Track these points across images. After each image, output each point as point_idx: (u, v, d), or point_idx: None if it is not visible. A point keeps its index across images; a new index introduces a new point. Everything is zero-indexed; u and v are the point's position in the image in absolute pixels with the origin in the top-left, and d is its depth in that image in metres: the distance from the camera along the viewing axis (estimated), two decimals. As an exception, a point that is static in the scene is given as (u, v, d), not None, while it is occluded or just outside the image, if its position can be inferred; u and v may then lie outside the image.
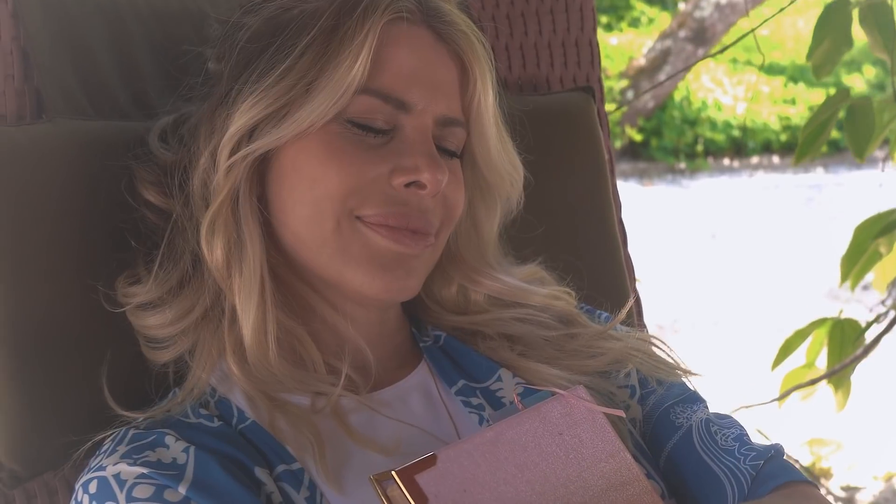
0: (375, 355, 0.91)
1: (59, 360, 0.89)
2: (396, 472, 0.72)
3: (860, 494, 2.72)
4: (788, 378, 2.39)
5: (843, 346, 2.22)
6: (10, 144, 0.90)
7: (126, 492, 0.75)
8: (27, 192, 0.89)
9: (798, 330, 2.25)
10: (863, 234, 2.14)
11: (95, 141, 0.95)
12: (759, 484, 0.84)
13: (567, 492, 0.76)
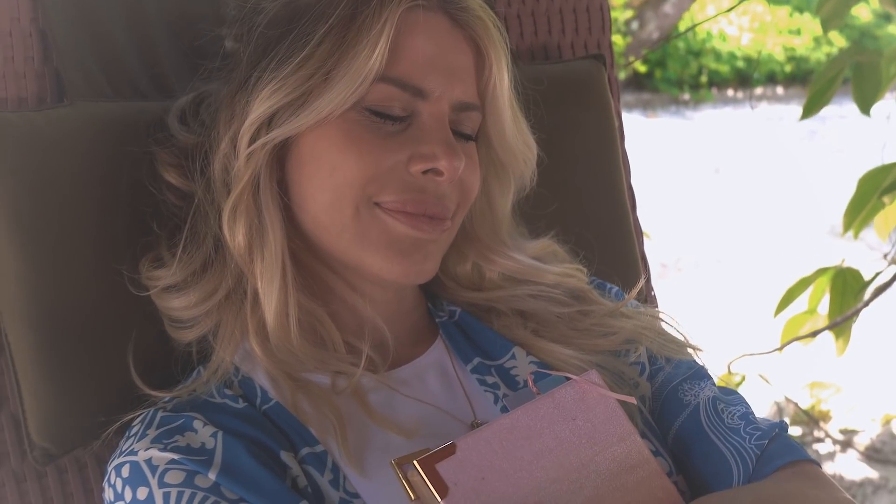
0: (393, 333, 0.94)
1: (87, 342, 0.91)
2: (418, 462, 0.75)
3: (858, 437, 2.77)
4: (790, 324, 2.43)
5: (844, 295, 2.25)
6: (31, 130, 0.92)
7: (158, 477, 0.78)
8: (51, 178, 0.91)
9: (801, 278, 2.27)
10: (866, 185, 2.15)
11: (116, 123, 0.96)
12: (763, 463, 0.87)
13: (580, 476, 0.80)
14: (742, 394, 0.98)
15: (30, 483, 0.93)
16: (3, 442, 0.92)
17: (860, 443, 2.72)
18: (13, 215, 0.89)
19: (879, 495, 2.48)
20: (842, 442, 2.70)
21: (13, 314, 0.89)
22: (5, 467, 0.92)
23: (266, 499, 0.77)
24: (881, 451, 2.68)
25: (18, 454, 0.92)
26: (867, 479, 2.55)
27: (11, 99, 0.97)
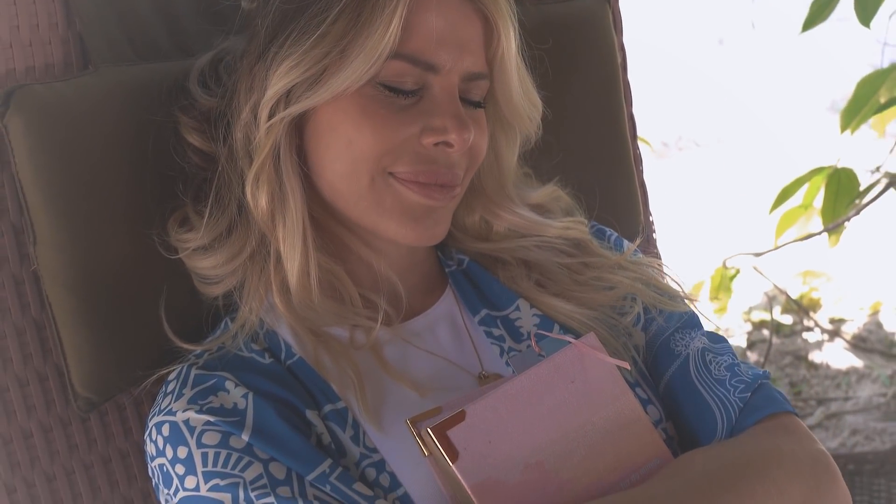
0: (406, 285, 1.00)
1: (121, 301, 0.98)
2: (431, 430, 0.83)
3: (846, 326, 2.86)
4: (785, 218, 2.49)
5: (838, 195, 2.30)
6: (60, 102, 0.96)
7: (196, 438, 0.86)
8: (80, 149, 0.96)
9: (797, 178, 2.32)
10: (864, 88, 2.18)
11: (140, 90, 1.00)
12: (745, 415, 0.95)
13: (578, 435, 0.87)
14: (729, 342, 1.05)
15: (74, 426, 1.01)
16: (49, 390, 0.99)
17: (847, 332, 2.82)
18: (47, 186, 0.94)
19: (863, 384, 2.59)
20: (830, 331, 2.79)
21: (52, 278, 0.95)
22: (52, 413, 1.00)
23: (294, 458, 0.85)
24: (867, 340, 2.78)
25: (63, 401, 1.00)
26: (852, 368, 2.65)
27: (39, 66, 1.00)
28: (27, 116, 0.93)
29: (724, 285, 2.65)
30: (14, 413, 0.97)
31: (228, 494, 0.83)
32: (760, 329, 2.85)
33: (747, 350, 2.78)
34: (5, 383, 0.97)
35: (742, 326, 2.90)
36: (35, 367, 0.99)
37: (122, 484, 1.04)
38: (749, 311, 2.93)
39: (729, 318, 2.91)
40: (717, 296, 2.69)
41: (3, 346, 0.97)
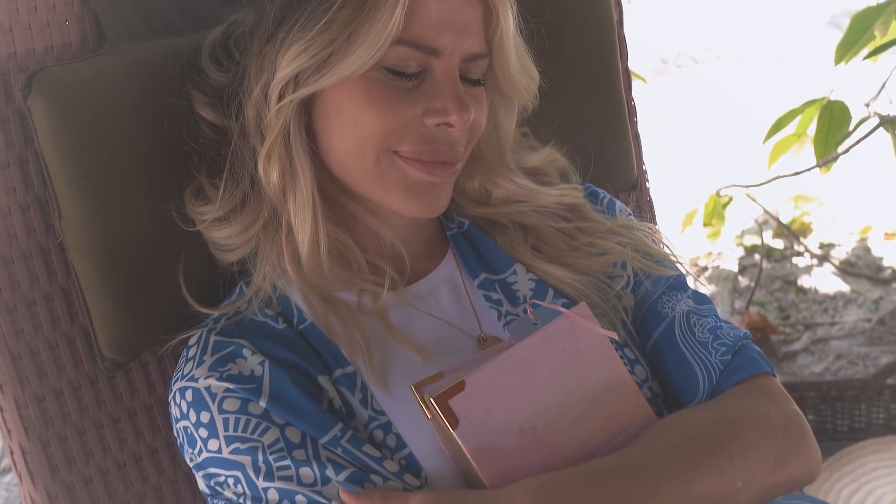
0: (409, 250, 1.06)
1: (142, 269, 1.04)
2: (434, 399, 0.90)
3: (835, 251, 2.92)
4: (779, 145, 2.53)
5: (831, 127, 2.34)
6: (78, 82, 1.00)
7: (217, 404, 0.92)
8: (101, 127, 1.00)
9: (790, 110, 2.36)
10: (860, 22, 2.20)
11: (155, 67, 1.04)
12: (725, 377, 1.01)
13: (569, 400, 0.94)
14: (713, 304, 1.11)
15: (101, 384, 1.08)
16: (77, 351, 1.06)
17: (836, 257, 2.88)
18: (69, 164, 0.99)
19: (849, 308, 2.66)
20: (819, 256, 2.85)
21: (77, 250, 1.01)
22: (80, 372, 1.06)
23: (308, 423, 0.92)
24: (855, 265, 2.84)
25: (90, 360, 1.06)
26: (839, 293, 2.72)
27: (56, 46, 1.04)
28: (49, 99, 0.98)
29: (717, 212, 2.71)
30: (46, 373, 1.04)
31: (248, 457, 0.90)
32: (752, 254, 2.91)
33: (738, 275, 2.84)
34: (36, 346, 1.04)
35: (734, 251, 2.96)
36: (63, 330, 1.05)
37: (146, 435, 1.12)
38: (741, 236, 2.99)
39: (721, 243, 2.97)
40: (711, 222, 2.74)
41: (33, 311, 1.03)
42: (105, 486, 1.08)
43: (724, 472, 0.90)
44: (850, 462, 2.00)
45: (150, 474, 1.12)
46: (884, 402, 2.14)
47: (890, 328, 2.54)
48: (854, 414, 2.16)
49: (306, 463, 0.90)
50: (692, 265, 2.92)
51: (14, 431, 1.03)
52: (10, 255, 1.02)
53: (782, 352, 2.48)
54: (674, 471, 0.89)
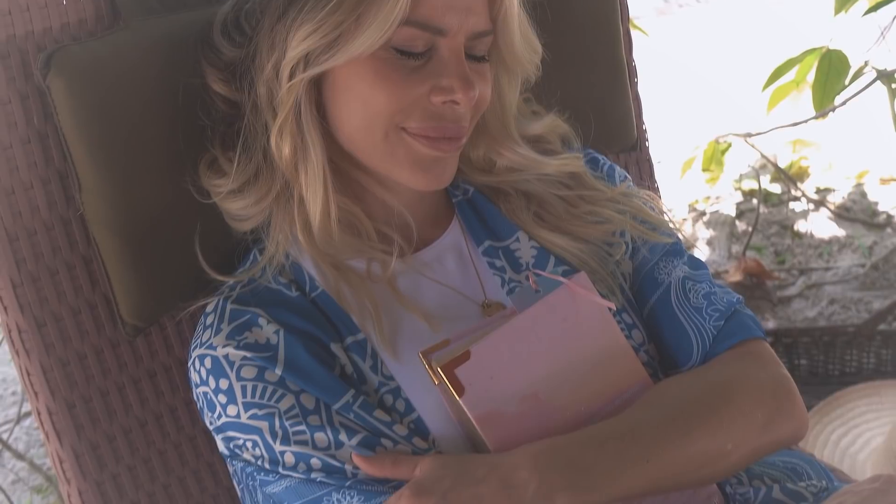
0: (416, 218, 1.09)
1: (160, 239, 1.07)
2: (441, 368, 0.94)
3: (831, 196, 2.95)
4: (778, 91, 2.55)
5: (829, 76, 2.35)
6: (95, 60, 1.02)
7: (235, 372, 0.97)
8: (118, 104, 1.03)
9: (789, 59, 2.37)
10: (860, -28, 2.20)
11: (169, 43, 1.06)
12: (718, 342, 1.05)
13: (569, 367, 0.98)
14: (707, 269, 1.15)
15: (123, 347, 1.12)
16: (99, 316, 1.10)
17: (832, 201, 2.91)
18: (88, 140, 1.02)
19: (844, 253, 2.70)
20: (816, 201, 2.88)
21: (97, 222, 1.05)
22: (102, 336, 1.11)
23: (322, 390, 0.96)
24: (851, 209, 2.87)
25: (112, 325, 1.10)
26: (834, 238, 2.75)
27: (73, 23, 1.06)
28: (67, 77, 1.00)
29: (716, 158, 2.73)
30: (70, 339, 1.08)
31: (266, 423, 0.95)
32: (750, 198, 2.94)
33: (736, 219, 2.88)
34: (60, 313, 1.08)
35: (732, 196, 2.99)
36: (85, 297, 1.09)
37: (166, 394, 1.17)
38: (740, 180, 3.01)
39: (720, 187, 3.00)
40: (710, 168, 2.77)
41: (56, 280, 1.07)
42: (128, 443, 1.14)
43: (715, 435, 0.95)
44: (839, 406, 2.06)
45: (169, 431, 1.17)
46: (874, 348, 2.19)
47: (883, 273, 2.58)
48: (845, 359, 2.22)
49: (321, 428, 0.94)
50: (690, 209, 2.95)
51: (41, 394, 1.08)
52: (34, 226, 1.05)
53: (777, 297, 2.53)
54: (668, 435, 0.93)
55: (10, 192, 1.04)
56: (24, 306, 1.06)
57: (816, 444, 2.00)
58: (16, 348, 1.08)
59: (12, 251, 1.05)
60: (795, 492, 1.04)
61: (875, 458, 1.89)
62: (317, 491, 0.93)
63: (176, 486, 1.18)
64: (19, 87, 1.03)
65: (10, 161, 1.03)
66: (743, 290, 2.52)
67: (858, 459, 1.94)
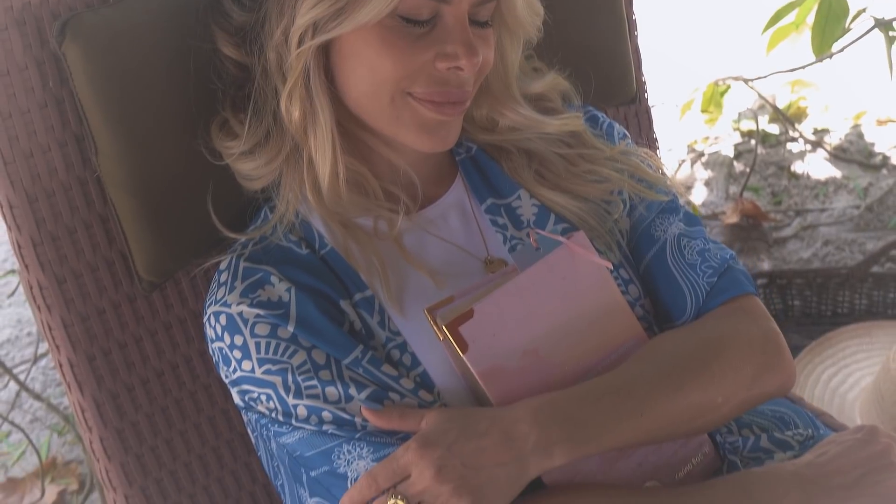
0: (421, 176, 1.12)
1: (175, 199, 1.10)
2: (445, 326, 0.98)
3: (828, 137, 2.96)
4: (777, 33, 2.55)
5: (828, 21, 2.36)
6: (108, 27, 1.04)
7: (249, 329, 1.01)
8: (132, 69, 1.05)
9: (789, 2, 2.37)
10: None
11: (179, 8, 1.08)
12: (711, 298, 1.09)
13: (568, 324, 1.02)
14: (702, 224, 1.19)
15: (139, 301, 1.16)
16: (116, 273, 1.14)
17: (829, 142, 2.92)
18: (104, 105, 1.05)
19: (839, 194, 2.72)
20: (813, 142, 2.90)
21: (113, 183, 1.08)
22: (120, 291, 1.15)
23: (332, 346, 1.00)
24: (847, 150, 2.88)
25: (129, 280, 1.14)
26: (831, 179, 2.78)
27: (85, -15, 1.08)
28: (82, 44, 1.03)
29: (715, 100, 2.75)
30: (89, 294, 1.12)
31: (279, 377, 0.99)
32: (748, 139, 2.96)
33: (734, 160, 2.89)
34: (79, 269, 1.12)
35: (731, 136, 3.00)
36: (103, 255, 1.13)
37: (181, 345, 1.21)
38: (738, 120, 3.02)
39: (719, 128, 3.02)
40: (709, 109, 2.79)
41: (75, 238, 1.11)
42: (146, 392, 1.18)
43: (706, 389, 0.99)
44: (831, 346, 2.11)
45: (185, 380, 1.22)
46: (866, 290, 2.23)
47: (877, 215, 2.61)
48: (838, 300, 2.26)
49: (331, 382, 0.99)
50: (689, 150, 2.97)
51: (62, 347, 1.12)
52: (52, 187, 1.09)
53: (773, 238, 2.56)
54: (661, 389, 0.98)
55: (28, 155, 1.07)
56: (44, 264, 1.09)
57: (808, 383, 2.05)
58: (37, 304, 1.12)
59: (32, 212, 1.08)
60: (782, 441, 1.09)
61: (863, 398, 1.94)
62: (328, 442, 0.98)
63: (192, 433, 1.23)
64: (35, 53, 1.05)
65: (29, 125, 1.06)
66: (739, 232, 2.56)
67: (848, 399, 1.99)
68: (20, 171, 1.07)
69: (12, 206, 1.07)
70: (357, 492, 0.94)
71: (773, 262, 2.49)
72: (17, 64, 1.05)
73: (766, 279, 2.27)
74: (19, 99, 1.05)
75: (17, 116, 1.06)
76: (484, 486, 0.91)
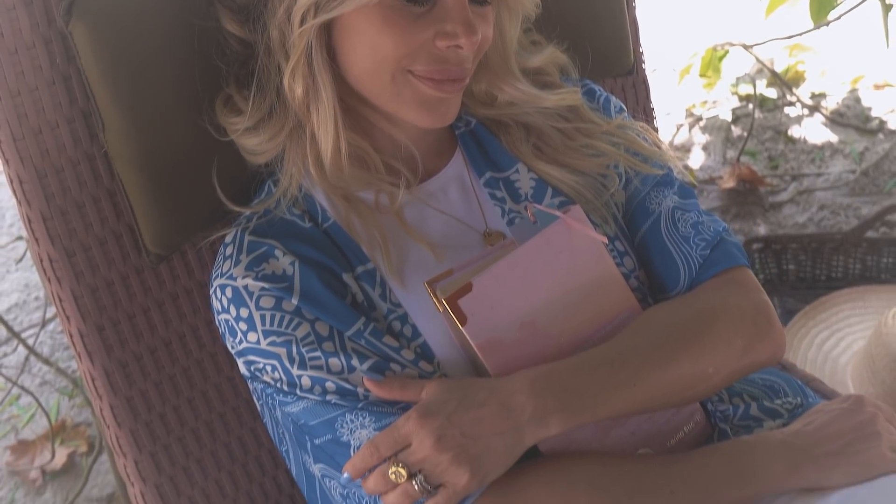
0: (421, 150, 1.14)
1: (181, 174, 1.12)
2: (445, 300, 1.00)
3: (825, 101, 2.97)
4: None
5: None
6: (113, 5, 1.05)
7: (254, 302, 1.03)
8: (137, 47, 1.07)
9: (788, -39, 2.37)
10: None
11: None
12: (704, 270, 1.11)
13: (564, 296, 1.05)
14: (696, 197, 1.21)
15: (147, 273, 1.19)
16: (124, 245, 1.16)
17: (827, 107, 2.93)
18: (111, 82, 1.07)
19: (836, 159, 2.74)
20: (810, 106, 2.90)
21: (121, 159, 1.10)
22: (128, 263, 1.17)
23: (335, 318, 1.03)
24: (844, 115, 2.89)
25: (136, 253, 1.16)
26: (827, 143, 2.79)
27: (92, -35, 1.09)
28: (89, 23, 1.04)
29: (713, 65, 2.76)
30: (98, 267, 1.15)
31: (284, 349, 1.02)
32: (746, 103, 2.97)
33: (732, 124, 2.91)
34: (88, 243, 1.14)
35: (729, 100, 3.01)
36: (111, 228, 1.15)
37: (188, 315, 1.23)
38: (736, 84, 3.03)
39: (717, 92, 3.02)
40: (707, 74, 2.79)
41: (84, 212, 1.13)
42: (154, 361, 1.21)
43: (697, 360, 1.02)
44: (825, 310, 2.14)
45: (192, 349, 1.25)
46: (860, 255, 2.26)
47: (873, 179, 2.62)
48: (832, 265, 2.28)
49: (334, 354, 1.01)
50: (688, 114, 2.98)
51: (72, 318, 1.15)
52: (60, 163, 1.11)
53: (769, 202, 2.58)
54: (653, 360, 1.00)
55: (37, 132, 1.08)
56: (54, 238, 1.12)
57: (801, 346, 2.08)
58: (48, 276, 1.14)
59: (42, 187, 1.10)
60: (772, 409, 1.12)
61: (855, 361, 1.98)
62: (332, 412, 1.01)
63: (199, 399, 1.26)
64: (42, 32, 1.06)
65: (37, 102, 1.08)
66: (736, 196, 2.58)
67: (840, 362, 2.02)
68: (29, 148, 1.08)
69: (22, 181, 1.09)
70: (360, 459, 0.97)
71: (768, 226, 2.51)
72: (24, 42, 1.06)
73: (761, 244, 2.30)
74: (27, 77, 1.07)
75: (26, 94, 1.07)
76: (482, 454, 0.94)
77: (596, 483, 0.98)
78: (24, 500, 1.97)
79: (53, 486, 1.99)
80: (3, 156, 1.09)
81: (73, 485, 1.98)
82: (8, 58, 1.06)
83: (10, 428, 2.15)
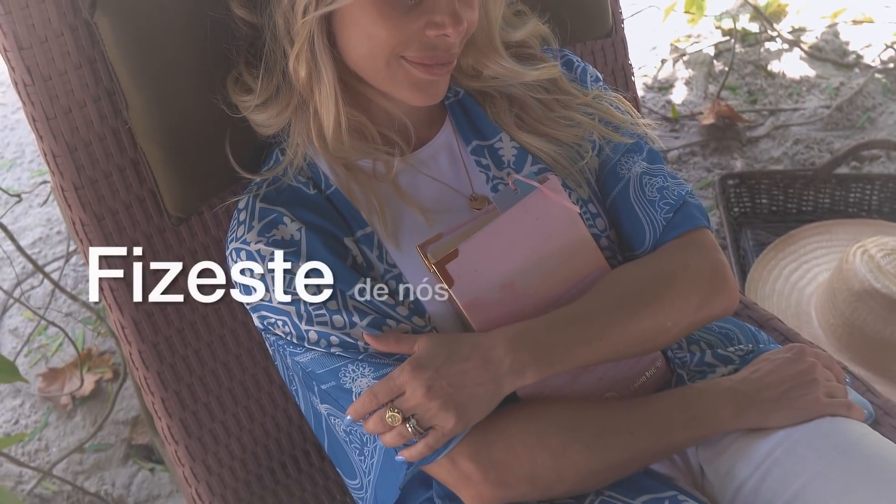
0: (414, 121, 1.23)
1: (198, 146, 1.22)
2: (434, 264, 1.11)
3: (805, 36, 3.02)
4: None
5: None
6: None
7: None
8: (156, 34, 1.16)
9: None
10: None
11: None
12: (667, 231, 1.21)
13: (540, 260, 1.15)
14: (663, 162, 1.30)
15: (168, 233, 1.29)
16: (147, 209, 1.26)
17: (806, 42, 2.98)
18: (132, 66, 1.16)
19: (812, 94, 2.80)
20: (790, 41, 2.96)
21: (143, 135, 1.20)
22: (151, 224, 1.27)
23: (337, 279, 1.14)
24: (823, 49, 2.95)
25: (158, 215, 1.27)
26: (805, 78, 2.85)
27: (111, -43, 1.17)
28: (112, 14, 1.13)
29: (697, 2, 2.81)
30: (125, 228, 1.25)
31: (293, 307, 1.13)
32: (729, 38, 3.02)
33: (714, 59, 2.96)
34: (115, 208, 1.24)
35: (713, 34, 3.06)
36: (136, 194, 1.25)
37: (205, 269, 1.35)
38: (720, 18, 3.08)
39: (701, 26, 3.07)
40: (691, 10, 2.85)
41: (111, 181, 1.23)
42: (176, 310, 1.32)
43: (656, 316, 1.13)
44: (793, 243, 2.24)
45: (210, 298, 1.36)
46: (829, 190, 2.35)
47: (846, 114, 2.70)
48: (803, 199, 2.38)
49: (337, 311, 1.12)
50: (672, 49, 3.03)
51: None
52: (89, 138, 1.20)
53: (746, 137, 2.66)
54: (617, 317, 1.11)
55: (67, 111, 1.18)
56: (85, 205, 1.22)
57: (770, 277, 2.19)
58: (80, 238, 1.25)
59: (73, 160, 1.20)
60: (724, 356, 1.24)
61: (818, 293, 2.09)
62: (336, 362, 1.12)
63: (217, 343, 1.38)
64: (69, 21, 1.15)
65: (66, 85, 1.17)
66: (715, 132, 2.66)
67: (805, 293, 2.14)
68: (61, 125, 1.18)
69: (56, 155, 1.19)
70: (360, 404, 1.10)
71: (745, 160, 2.59)
72: (53, 31, 1.15)
73: (737, 179, 2.39)
74: (57, 62, 1.16)
75: (56, 77, 1.16)
76: (466, 402, 1.06)
77: (566, 425, 1.10)
78: (56, 423, 2.11)
79: (83, 410, 2.13)
80: (37, 133, 1.19)
81: (100, 409, 2.12)
82: (39, 46, 1.15)
83: (40, 356, 2.27)
